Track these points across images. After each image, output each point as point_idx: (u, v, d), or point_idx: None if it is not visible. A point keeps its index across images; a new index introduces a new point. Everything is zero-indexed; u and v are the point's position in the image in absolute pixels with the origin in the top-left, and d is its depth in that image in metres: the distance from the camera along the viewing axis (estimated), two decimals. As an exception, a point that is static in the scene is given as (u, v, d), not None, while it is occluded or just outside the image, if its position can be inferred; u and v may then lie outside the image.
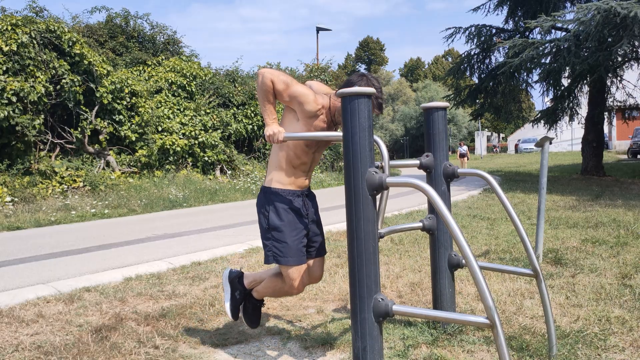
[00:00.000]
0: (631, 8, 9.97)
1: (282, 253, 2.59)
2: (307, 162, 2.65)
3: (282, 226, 2.59)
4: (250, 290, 2.92)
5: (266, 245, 2.64)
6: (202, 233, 7.11)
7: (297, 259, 2.61)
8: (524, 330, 2.95)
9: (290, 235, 2.59)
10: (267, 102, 2.54)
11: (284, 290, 2.73)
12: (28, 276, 4.78)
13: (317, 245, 2.77)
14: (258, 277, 2.91)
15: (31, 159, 11.61)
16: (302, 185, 2.68)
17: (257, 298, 2.91)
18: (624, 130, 31.01)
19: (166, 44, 19.15)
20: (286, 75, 2.55)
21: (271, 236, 2.61)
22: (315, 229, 2.76)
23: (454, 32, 16.08)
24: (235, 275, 2.96)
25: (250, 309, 2.94)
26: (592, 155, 15.07)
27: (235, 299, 2.92)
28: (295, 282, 2.64)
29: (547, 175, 4.47)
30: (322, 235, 2.81)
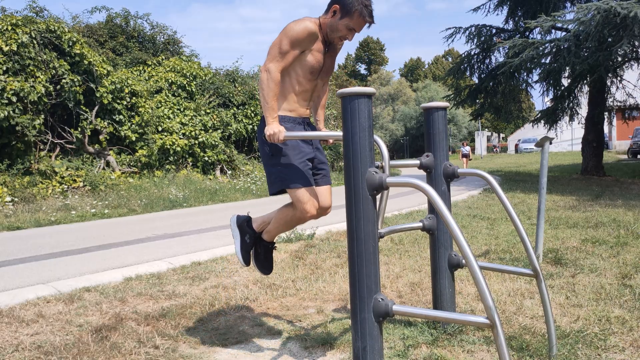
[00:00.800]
0: (631, 8, 9.97)
1: (289, 177, 2.57)
2: (309, 89, 2.69)
3: (287, 149, 2.58)
4: (260, 233, 2.89)
5: (272, 172, 2.62)
6: (202, 233, 7.11)
7: (305, 180, 2.59)
8: (524, 330, 2.95)
9: (295, 158, 2.58)
10: (272, 98, 2.55)
11: (296, 217, 2.69)
12: (28, 276, 4.78)
13: (324, 172, 2.78)
14: (267, 218, 2.87)
15: (31, 159, 11.62)
16: (303, 114, 2.72)
17: (267, 240, 2.88)
18: (624, 130, 31.03)
19: (166, 44, 19.15)
20: (273, 50, 2.58)
21: (276, 162, 2.59)
22: (320, 156, 2.77)
23: (454, 32, 16.08)
24: (244, 219, 2.92)
25: (262, 253, 2.90)
26: (592, 155, 15.07)
27: (246, 244, 2.88)
28: (306, 205, 2.60)
29: (547, 175, 4.47)
30: (326, 163, 2.82)
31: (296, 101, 2.67)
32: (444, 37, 16.95)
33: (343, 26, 2.60)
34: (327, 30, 2.63)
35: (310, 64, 2.64)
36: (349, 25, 2.60)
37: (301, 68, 2.64)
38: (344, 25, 2.60)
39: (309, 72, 2.64)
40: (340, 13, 2.59)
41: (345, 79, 66.34)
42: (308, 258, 5.03)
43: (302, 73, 2.64)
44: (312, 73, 2.66)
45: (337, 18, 2.60)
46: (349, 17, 2.58)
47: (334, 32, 2.63)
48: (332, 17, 2.61)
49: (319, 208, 2.75)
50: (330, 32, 2.63)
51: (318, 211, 2.73)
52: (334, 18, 2.61)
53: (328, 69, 2.77)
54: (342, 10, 2.58)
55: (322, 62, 2.69)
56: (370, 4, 2.59)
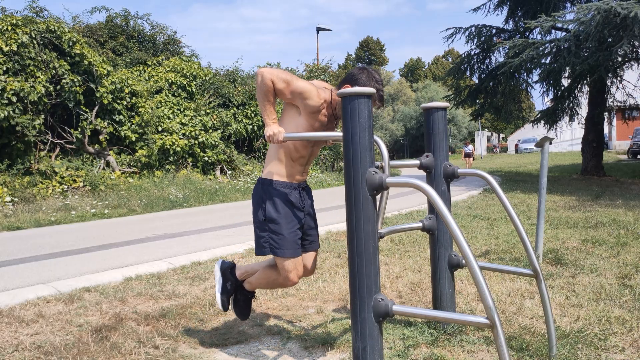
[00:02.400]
0: (631, 8, 9.97)
1: (279, 245, 2.59)
2: (306, 155, 2.66)
3: (279, 218, 2.59)
4: (242, 281, 2.93)
5: (262, 237, 2.64)
6: (202, 233, 7.11)
7: (293, 251, 2.62)
8: (524, 330, 2.95)
9: (286, 228, 2.59)
10: (267, 102, 2.54)
11: (279, 281, 2.74)
12: (28, 276, 4.78)
13: (312, 239, 2.79)
14: (250, 269, 2.91)
15: (31, 159, 11.62)
16: (300, 179, 2.69)
17: (248, 290, 2.92)
18: (624, 131, 31.02)
19: (166, 44, 19.15)
20: (285, 72, 2.55)
21: (268, 228, 2.61)
22: (311, 222, 2.77)
23: (454, 32, 16.08)
24: (228, 266, 2.96)
25: (242, 300, 2.94)
26: (592, 155, 15.07)
27: (227, 290, 2.92)
28: (290, 274, 2.65)
29: (547, 176, 4.47)
30: (316, 229, 2.82)
31: (292, 167, 2.64)
32: (444, 37, 16.96)
33: None
34: (336, 107, 2.59)
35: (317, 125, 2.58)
36: None
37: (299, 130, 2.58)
38: None
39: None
40: None
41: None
42: (308, 258, 5.02)
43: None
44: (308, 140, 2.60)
45: None
46: None
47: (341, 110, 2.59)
48: None
49: (304, 273, 2.80)
50: (339, 109, 2.58)
51: (301, 277, 2.77)
52: None
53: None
54: None
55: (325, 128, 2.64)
56: (382, 89, 2.55)
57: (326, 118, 2.60)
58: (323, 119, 2.59)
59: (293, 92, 2.51)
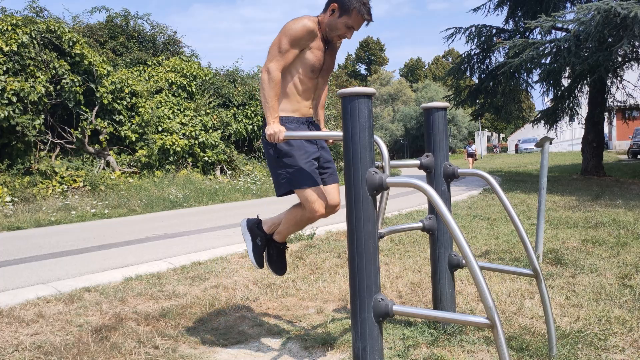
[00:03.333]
0: (631, 8, 9.97)
1: (296, 177, 2.57)
2: (311, 87, 2.70)
3: (292, 150, 2.58)
4: (271, 234, 2.89)
5: (279, 174, 2.62)
6: (202, 233, 7.11)
7: (312, 180, 2.60)
8: (524, 330, 2.95)
9: (301, 159, 2.58)
10: (273, 98, 2.55)
11: (306, 217, 2.70)
12: (28, 276, 4.78)
13: (331, 171, 2.78)
14: (277, 220, 2.88)
15: (31, 159, 11.62)
16: (306, 113, 2.72)
17: (279, 241, 2.89)
18: (624, 131, 31.03)
19: (166, 44, 19.15)
20: (273, 50, 2.58)
21: (282, 163, 2.60)
22: (326, 155, 2.78)
23: (454, 32, 16.08)
24: (254, 222, 2.93)
25: (275, 255, 2.91)
26: (592, 155, 15.06)
27: (258, 247, 2.89)
28: (315, 204, 2.61)
29: (547, 176, 4.47)
30: (332, 162, 2.82)
31: (299, 101, 2.68)
32: (444, 38, 16.97)
33: (342, 24, 2.61)
34: (326, 29, 2.64)
35: (310, 62, 2.64)
36: (348, 24, 2.61)
37: (302, 66, 2.64)
38: (343, 24, 2.60)
39: (310, 70, 2.65)
40: (338, 11, 2.59)
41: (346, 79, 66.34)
42: (308, 258, 5.03)
43: (303, 72, 2.64)
44: (313, 71, 2.66)
45: (336, 16, 2.60)
46: (347, 15, 2.58)
47: (333, 30, 2.64)
48: (331, 15, 2.62)
49: (328, 206, 2.75)
50: (329, 30, 2.64)
51: (327, 210, 2.74)
52: (332, 16, 2.61)
53: (328, 67, 2.78)
54: (341, 8, 2.58)
55: (323, 60, 2.70)
56: (368, 2, 2.59)
57: (322, 42, 2.67)
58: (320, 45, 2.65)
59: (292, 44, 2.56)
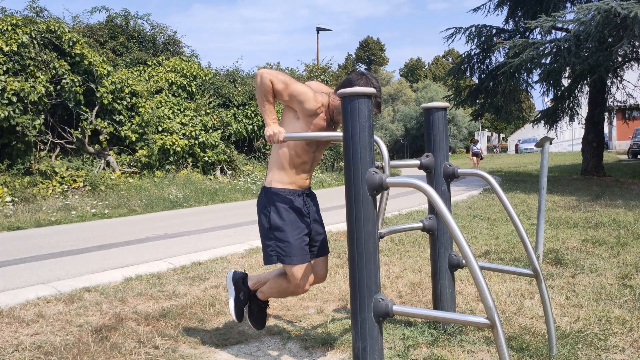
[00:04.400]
0: (631, 8, 9.97)
1: (286, 252, 2.57)
2: (308, 161, 2.64)
3: (284, 225, 2.57)
4: (254, 291, 2.90)
5: (268, 245, 2.62)
6: (202, 233, 7.11)
7: (301, 257, 2.59)
8: (524, 330, 2.95)
9: (292, 235, 2.58)
10: (267, 102, 2.54)
11: (290, 290, 2.72)
12: (28, 276, 4.78)
13: (320, 244, 2.76)
14: (262, 278, 2.89)
15: (31, 159, 11.61)
16: (303, 185, 2.67)
17: (261, 299, 2.90)
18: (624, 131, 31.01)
19: (166, 44, 19.14)
20: (284, 74, 2.55)
21: (273, 236, 2.59)
22: (318, 228, 2.75)
23: (454, 33, 16.08)
24: (240, 276, 2.94)
25: (256, 310, 2.91)
26: (592, 155, 15.06)
27: (240, 301, 2.90)
28: (300, 281, 2.62)
29: (547, 176, 4.47)
30: (324, 234, 2.80)
31: (295, 174, 2.62)
32: (444, 38, 16.96)
33: None
34: (334, 111, 2.58)
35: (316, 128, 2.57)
36: None
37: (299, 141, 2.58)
38: None
39: (306, 143, 2.59)
40: None
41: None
42: (308, 258, 5.02)
43: (300, 144, 2.58)
44: (309, 145, 2.60)
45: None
46: None
47: (340, 115, 2.55)
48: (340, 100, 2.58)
49: (314, 280, 2.78)
50: (336, 113, 2.58)
51: (312, 283, 2.76)
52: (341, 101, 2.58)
53: (326, 142, 2.73)
54: None
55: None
56: (379, 96, 2.53)
57: (324, 122, 2.58)
58: (321, 124, 2.57)
59: (291, 95, 2.50)
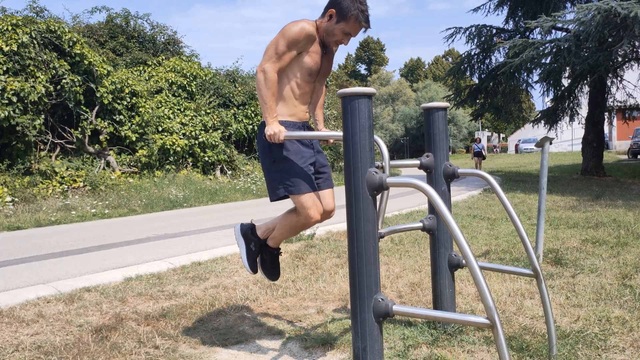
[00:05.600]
0: (631, 8, 9.97)
1: (292, 182, 2.56)
2: (308, 91, 2.70)
3: (289, 155, 2.57)
4: (265, 240, 2.89)
5: (274, 179, 2.61)
6: (202, 233, 7.11)
7: (308, 185, 2.59)
8: (524, 330, 2.95)
9: (297, 163, 2.58)
10: (271, 97, 2.55)
11: (301, 222, 2.69)
12: (28, 276, 4.78)
13: (326, 176, 2.78)
14: (271, 225, 2.87)
15: (31, 159, 11.62)
16: (303, 118, 2.71)
17: (273, 246, 2.88)
18: (624, 131, 31.02)
19: (166, 44, 19.15)
20: (269, 51, 2.58)
21: (278, 168, 2.59)
22: (322, 160, 2.77)
23: (454, 32, 16.08)
24: (248, 227, 2.92)
25: (269, 260, 2.90)
26: (592, 155, 15.06)
27: (252, 252, 2.88)
28: (310, 210, 2.60)
29: (547, 176, 4.47)
30: (328, 166, 2.82)
31: (296, 105, 2.67)
32: (444, 38, 16.98)
33: (339, 30, 2.60)
34: (324, 34, 2.63)
35: (308, 66, 2.64)
36: (345, 30, 2.60)
37: (299, 70, 2.64)
38: (340, 30, 2.60)
39: (307, 74, 2.65)
40: (336, 17, 2.58)
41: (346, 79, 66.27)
42: (308, 258, 5.03)
43: (300, 75, 2.63)
44: (310, 75, 2.66)
45: (333, 22, 2.60)
46: (344, 21, 2.58)
47: (330, 36, 2.63)
48: (329, 21, 2.61)
49: (323, 212, 2.75)
50: (326, 35, 2.63)
51: (322, 215, 2.73)
52: (330, 22, 2.61)
53: (325, 71, 2.77)
54: (339, 14, 2.57)
55: (320, 64, 2.69)
56: (366, 9, 2.57)
57: (319, 46, 2.66)
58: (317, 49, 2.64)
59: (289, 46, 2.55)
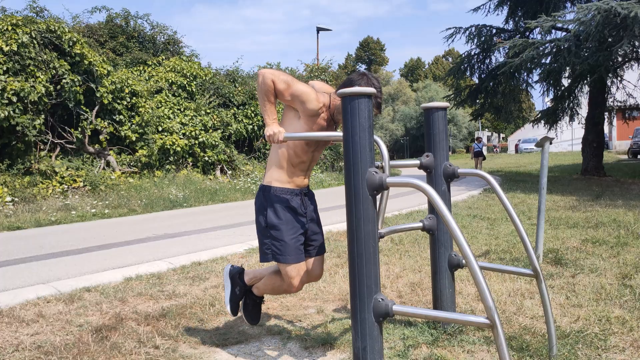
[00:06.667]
0: (631, 8, 9.97)
1: (280, 251, 2.60)
2: (307, 160, 2.65)
3: (280, 224, 2.59)
4: (250, 286, 2.93)
5: (264, 243, 2.65)
6: (202, 233, 7.11)
7: (295, 257, 2.62)
8: (524, 330, 2.95)
9: (288, 234, 2.60)
10: (268, 102, 2.55)
11: (283, 288, 2.74)
12: (28, 276, 4.78)
13: (316, 244, 2.77)
14: (258, 274, 2.91)
15: (31, 159, 11.61)
16: (301, 184, 2.68)
17: (257, 295, 2.92)
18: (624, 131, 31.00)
19: (166, 44, 19.15)
20: (286, 74, 2.55)
21: (270, 235, 2.62)
22: (315, 227, 2.76)
23: (454, 32, 16.08)
24: (236, 271, 2.97)
25: (250, 305, 2.94)
26: (592, 155, 15.06)
27: (236, 295, 2.93)
28: (293, 280, 2.65)
29: (547, 176, 4.47)
30: (321, 234, 2.81)
31: (293, 173, 2.63)
32: (444, 37, 16.94)
33: None
34: (335, 111, 2.58)
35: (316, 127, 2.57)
36: None
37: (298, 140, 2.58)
38: None
39: (305, 143, 2.59)
40: None
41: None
42: (308, 258, 5.02)
43: (299, 144, 2.58)
44: (308, 145, 2.60)
45: None
46: None
47: (340, 114, 2.54)
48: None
49: (309, 278, 2.80)
50: (337, 113, 2.58)
51: (306, 282, 2.77)
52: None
53: (325, 142, 2.73)
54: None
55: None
56: (380, 96, 2.53)
57: (325, 122, 2.59)
58: (322, 123, 2.58)
59: (292, 95, 2.51)
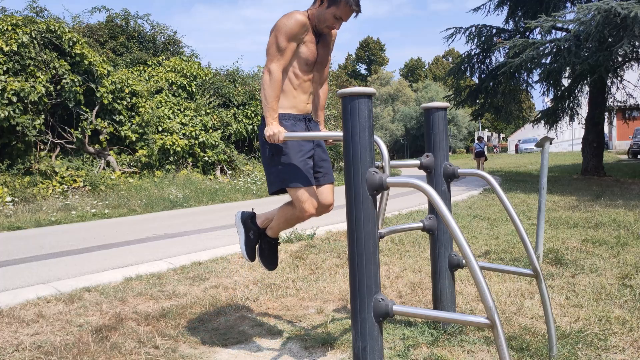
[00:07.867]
0: (631, 8, 9.97)
1: (289, 176, 2.58)
2: (307, 81, 2.70)
3: (286, 149, 2.58)
4: (264, 229, 2.91)
5: (271, 172, 2.63)
6: (202, 233, 7.11)
7: (305, 180, 2.60)
8: (524, 330, 2.95)
9: (295, 157, 2.59)
10: (275, 99, 2.56)
11: (296, 215, 2.71)
12: (28, 276, 4.78)
13: (325, 170, 2.78)
14: (270, 215, 2.90)
15: (31, 159, 11.62)
16: (304, 110, 2.71)
17: (271, 236, 2.91)
18: (624, 131, 31.01)
19: (166, 44, 19.16)
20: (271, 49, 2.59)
21: (276, 161, 2.60)
22: (321, 153, 2.77)
23: (454, 32, 16.08)
24: (248, 215, 2.95)
25: (267, 249, 2.92)
26: (592, 155, 15.05)
27: (250, 240, 2.91)
28: (305, 204, 2.62)
29: (547, 176, 4.47)
30: (328, 160, 2.82)
31: (295, 96, 2.67)
32: (444, 38, 16.96)
33: (330, 15, 2.61)
34: (315, 21, 2.65)
35: (304, 56, 2.65)
36: (336, 15, 2.61)
37: (297, 61, 2.65)
38: (331, 15, 2.61)
39: (304, 63, 2.66)
40: (327, 2, 2.60)
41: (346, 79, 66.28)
42: (308, 258, 5.03)
43: (298, 66, 2.65)
44: (307, 64, 2.67)
45: (324, 7, 2.61)
46: (335, 6, 2.59)
47: (322, 22, 2.64)
48: (319, 6, 2.63)
49: (320, 206, 2.77)
50: (318, 22, 2.64)
51: (318, 209, 2.74)
52: (321, 7, 2.62)
53: (322, 59, 2.78)
54: None
55: (316, 52, 2.71)
56: None
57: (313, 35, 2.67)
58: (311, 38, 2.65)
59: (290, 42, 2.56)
